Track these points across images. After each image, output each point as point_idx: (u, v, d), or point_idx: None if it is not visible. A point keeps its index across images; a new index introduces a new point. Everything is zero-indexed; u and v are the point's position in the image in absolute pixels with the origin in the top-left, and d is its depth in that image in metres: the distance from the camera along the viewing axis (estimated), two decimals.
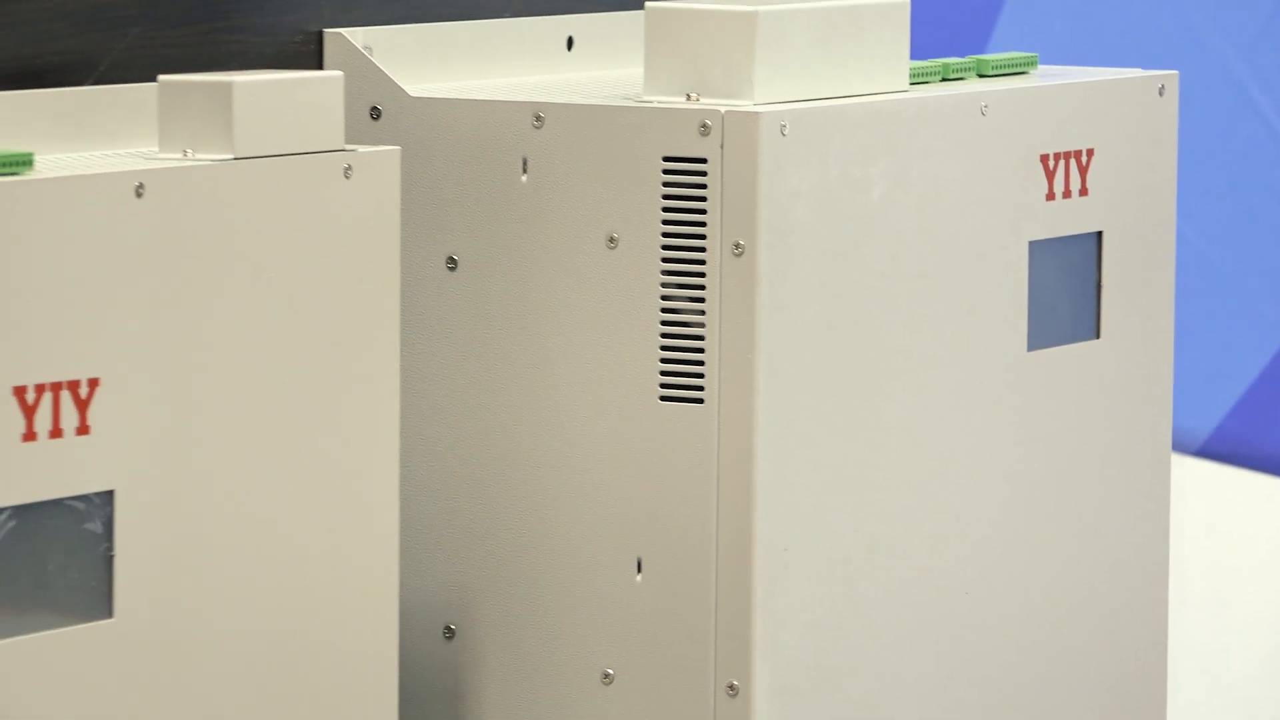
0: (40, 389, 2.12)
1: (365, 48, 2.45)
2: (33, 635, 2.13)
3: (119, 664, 2.19)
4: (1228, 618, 3.45)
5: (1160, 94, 2.67)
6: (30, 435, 2.11)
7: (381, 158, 2.34)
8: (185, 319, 2.22)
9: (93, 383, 2.15)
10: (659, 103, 2.38)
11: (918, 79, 2.52)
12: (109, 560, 2.17)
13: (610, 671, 2.38)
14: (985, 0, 3.41)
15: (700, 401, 2.36)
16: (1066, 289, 2.59)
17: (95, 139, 2.28)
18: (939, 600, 2.52)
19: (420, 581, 2.43)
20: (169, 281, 2.20)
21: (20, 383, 2.11)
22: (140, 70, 2.31)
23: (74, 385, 2.14)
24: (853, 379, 2.43)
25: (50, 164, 2.18)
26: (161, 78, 2.27)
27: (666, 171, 2.36)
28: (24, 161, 2.13)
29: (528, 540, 2.43)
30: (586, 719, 2.41)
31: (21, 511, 2.11)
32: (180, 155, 2.25)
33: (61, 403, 2.13)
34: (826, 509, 2.42)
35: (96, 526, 2.16)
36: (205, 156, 2.25)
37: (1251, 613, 3.54)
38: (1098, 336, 2.62)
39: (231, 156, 2.25)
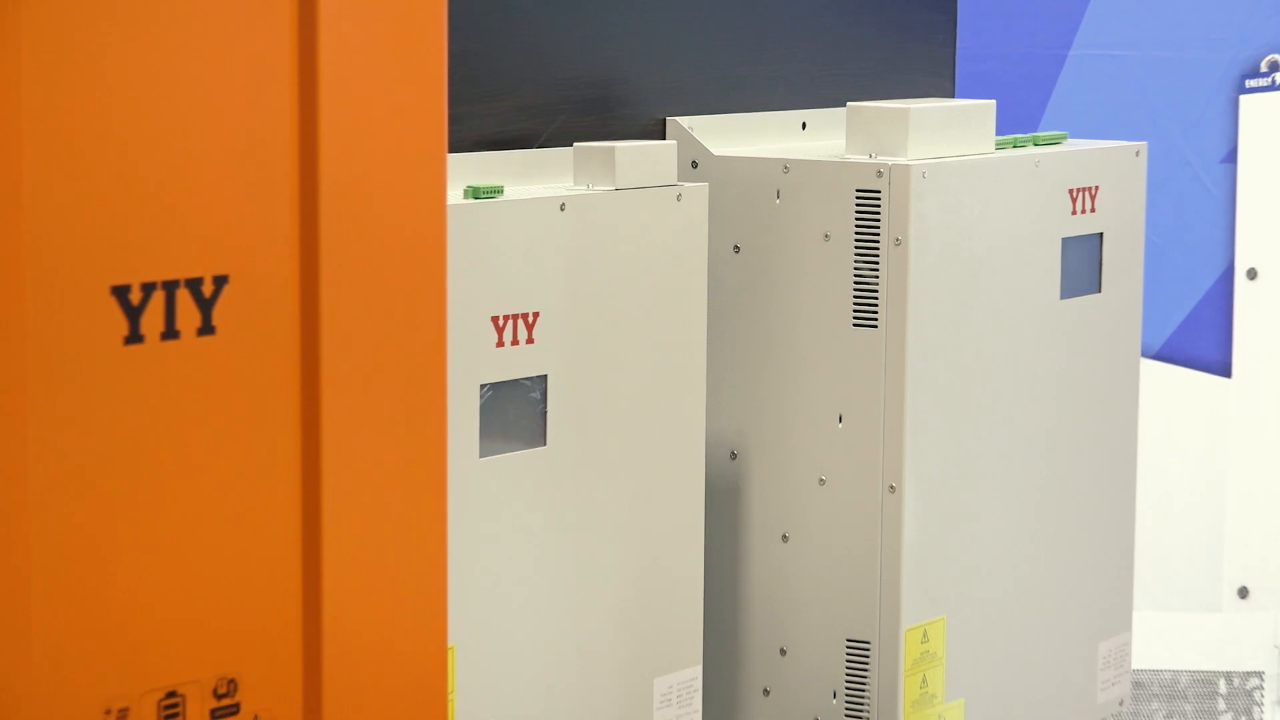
0: (507, 318, 2.13)
1: (689, 127, 2.44)
2: (502, 455, 2.13)
3: (550, 474, 2.19)
4: (1171, 472, 3.35)
5: (1136, 155, 2.62)
6: (500, 344, 2.12)
7: (697, 190, 2.32)
8: (587, 279, 2.20)
9: (535, 314, 2.15)
10: (854, 159, 2.35)
11: (1000, 145, 2.49)
12: (543, 413, 2.17)
13: (824, 478, 2.34)
14: (1036, 100, 3.32)
15: (875, 327, 2.32)
16: (1082, 264, 2.56)
17: (538, 179, 2.27)
18: (1007, 435, 2.50)
19: (717, 426, 2.40)
20: (580, 256, 2.20)
21: (495, 313, 2.11)
22: (565, 140, 2.31)
23: (525, 316, 2.13)
24: (963, 312, 2.41)
25: (513, 192, 2.18)
26: (576, 145, 2.27)
27: (858, 198, 2.33)
28: (498, 191, 2.13)
29: (777, 401, 2.42)
30: (808, 507, 2.39)
31: (496, 387, 2.12)
32: (585, 187, 2.24)
33: (518, 325, 2.12)
34: (946, 386, 2.40)
35: (537, 395, 2.16)
36: (599, 188, 2.24)
37: (1184, 470, 3.46)
38: (1100, 291, 2.57)
39: (614, 188, 2.23)
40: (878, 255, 2.31)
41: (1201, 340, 3.44)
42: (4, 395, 1.52)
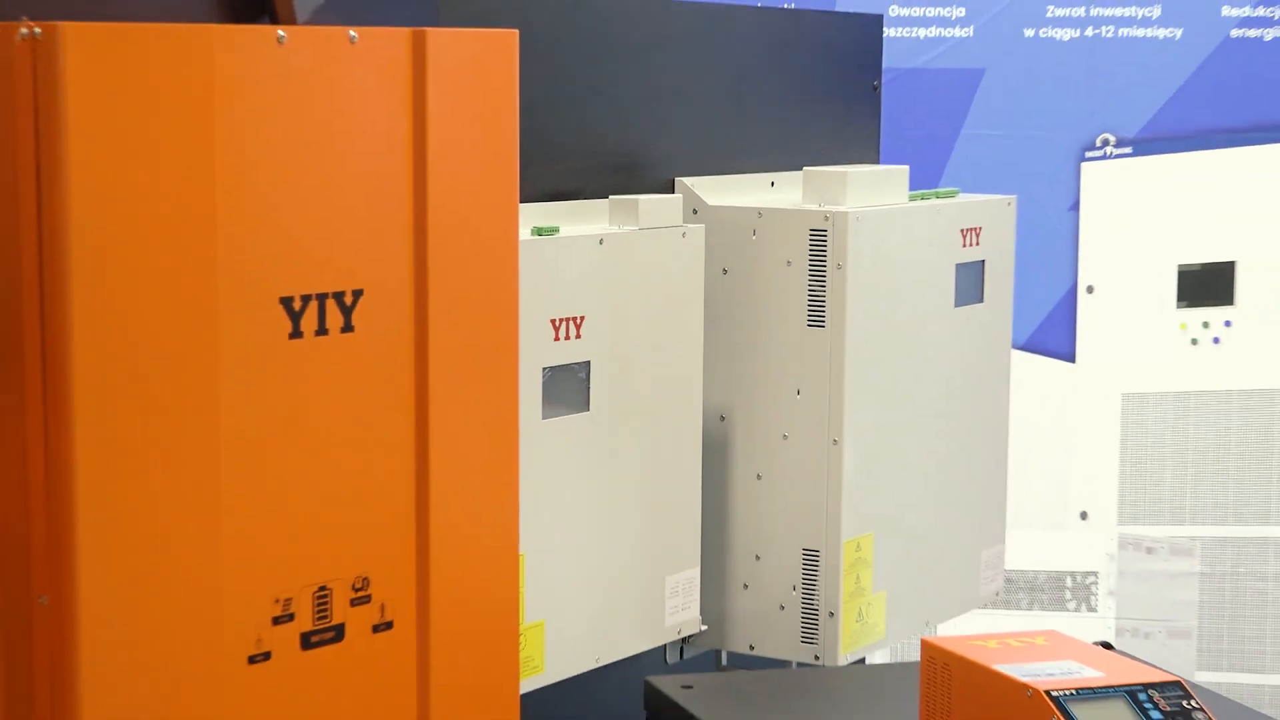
0: (561, 320, 2.09)
1: (691, 185, 2.41)
2: (558, 418, 2.10)
3: (591, 432, 2.16)
4: (1033, 430, 3.33)
5: (1008, 205, 2.60)
6: (557, 338, 2.09)
7: (697, 230, 2.29)
8: (622, 296, 2.16)
9: (582, 317, 2.12)
10: (808, 208, 2.32)
11: (911, 198, 2.47)
12: (587, 388, 2.13)
13: (786, 434, 2.33)
14: (937, 165, 3.31)
15: (823, 327, 2.29)
16: (970, 282, 2.52)
17: (584, 222, 2.24)
18: (917, 403, 2.47)
19: (711, 397, 2.37)
20: (614, 276, 2.16)
21: (553, 316, 2.08)
22: (602, 194, 2.29)
23: (574, 318, 2.11)
24: (885, 315, 2.36)
25: (566, 231, 2.14)
26: (611, 198, 2.24)
27: (811, 235, 2.29)
28: (555, 230, 2.10)
29: (753, 379, 2.36)
30: (775, 454, 2.35)
31: (554, 369, 2.09)
32: (617, 227, 2.21)
33: (570, 325, 2.10)
34: (873, 369, 2.35)
35: (583, 375, 2.13)
36: (628, 228, 2.21)
37: (1042, 428, 3.44)
38: (983, 301, 2.55)
39: (638, 228, 2.21)
40: (825, 275, 2.28)
41: (1054, 336, 3.44)
42: (205, 374, 1.52)
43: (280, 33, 1.55)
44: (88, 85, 1.43)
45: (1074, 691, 1.65)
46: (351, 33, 1.60)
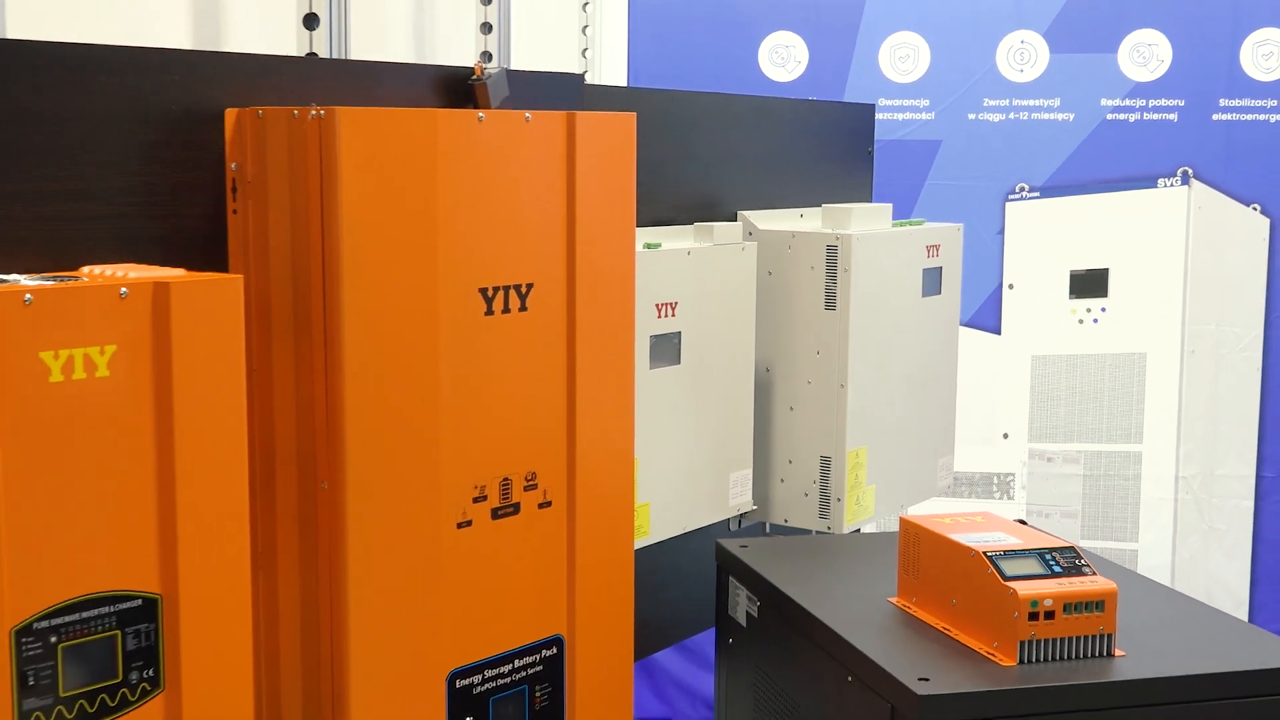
0: (662, 304, 2.05)
1: (749, 217, 2.35)
2: (660, 369, 2.05)
3: (682, 379, 2.12)
4: (970, 377, 3.23)
5: (958, 230, 2.52)
6: (660, 317, 2.05)
7: (751, 245, 2.23)
8: (703, 289, 2.10)
9: (675, 303, 2.08)
10: (825, 231, 2.26)
11: (894, 225, 2.39)
12: (679, 350, 2.09)
13: (810, 381, 2.27)
14: (909, 203, 3.23)
15: (835, 310, 2.23)
16: (933, 281, 2.45)
17: (678, 240, 2.19)
18: (896, 359, 2.40)
19: (760, 355, 2.32)
20: (697, 276, 2.12)
21: (657, 302, 2.03)
22: (688, 221, 2.24)
23: (671, 304, 2.07)
24: (876, 302, 2.29)
25: (666, 246, 2.10)
26: (695, 224, 2.18)
27: (827, 249, 2.23)
28: (658, 245, 2.06)
29: (789, 344, 2.30)
30: (803, 394, 2.29)
31: (657, 337, 2.04)
32: (700, 244, 2.16)
33: (667, 309, 2.06)
34: (868, 336, 2.29)
35: (676, 341, 2.08)
36: (706, 244, 2.15)
37: (977, 376, 3.35)
38: (940, 294, 2.47)
39: (713, 244, 2.15)
40: (836, 276, 2.22)
41: (987, 317, 3.38)
42: (428, 339, 1.51)
43: (480, 114, 1.53)
44: (354, 150, 1.42)
45: (1003, 552, 1.62)
46: (527, 115, 1.58)
